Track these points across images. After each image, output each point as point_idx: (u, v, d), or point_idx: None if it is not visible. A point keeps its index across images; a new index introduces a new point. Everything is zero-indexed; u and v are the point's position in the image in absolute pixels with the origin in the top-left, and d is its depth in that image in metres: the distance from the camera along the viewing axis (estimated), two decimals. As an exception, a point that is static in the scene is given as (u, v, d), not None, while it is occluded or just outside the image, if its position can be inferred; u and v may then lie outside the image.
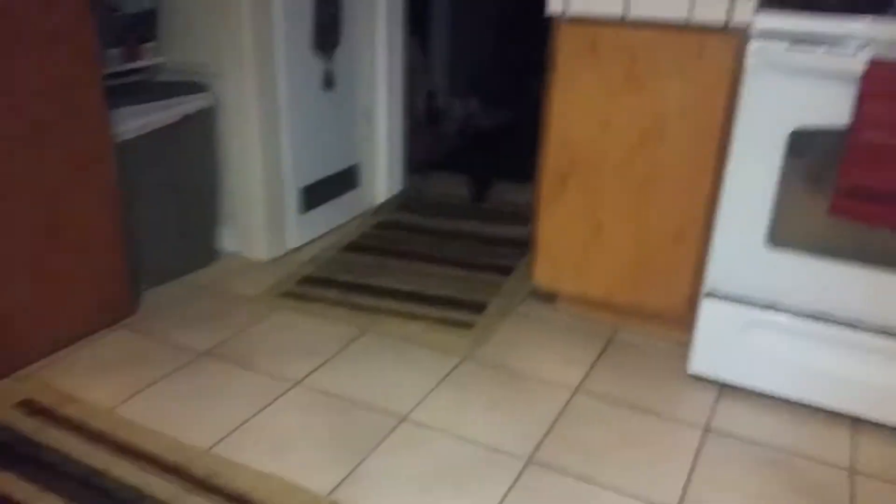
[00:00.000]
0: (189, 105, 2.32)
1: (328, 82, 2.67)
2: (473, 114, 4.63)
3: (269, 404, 1.77)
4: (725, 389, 1.84)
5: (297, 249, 2.64)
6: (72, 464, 1.56)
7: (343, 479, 1.53)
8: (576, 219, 2.03)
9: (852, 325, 1.65)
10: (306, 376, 1.88)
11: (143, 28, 2.39)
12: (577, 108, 1.93)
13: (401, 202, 3.10)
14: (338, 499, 1.48)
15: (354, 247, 2.67)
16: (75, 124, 1.91)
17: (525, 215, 2.97)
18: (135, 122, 2.17)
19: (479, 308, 2.23)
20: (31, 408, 1.74)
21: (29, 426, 1.67)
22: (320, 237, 2.76)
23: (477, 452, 1.61)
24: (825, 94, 1.53)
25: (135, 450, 1.61)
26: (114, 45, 2.28)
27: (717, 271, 1.77)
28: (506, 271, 2.48)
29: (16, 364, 1.89)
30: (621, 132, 1.89)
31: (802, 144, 1.59)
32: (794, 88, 1.56)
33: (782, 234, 1.66)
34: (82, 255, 2.00)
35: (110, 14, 2.26)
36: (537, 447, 1.63)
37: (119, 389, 1.81)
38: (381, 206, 3.05)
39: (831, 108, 1.53)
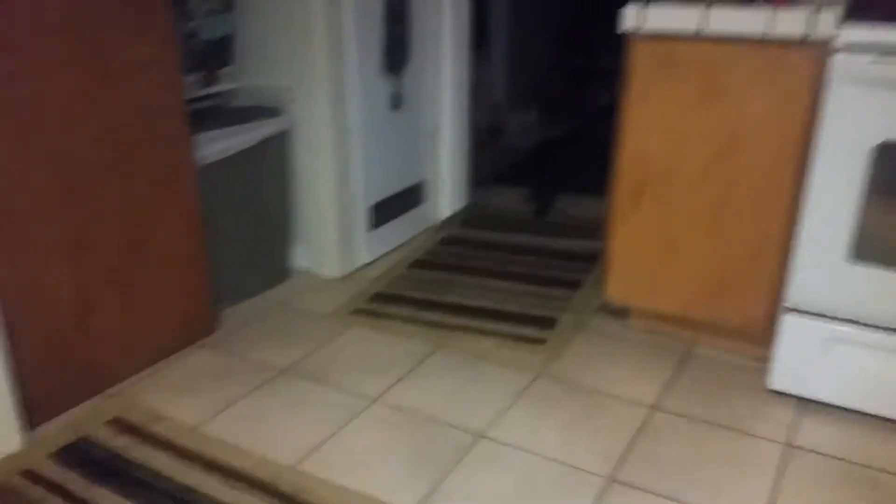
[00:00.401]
0: (267, 129, 2.39)
1: (396, 103, 2.72)
2: (533, 126, 4.63)
3: (350, 421, 1.81)
4: (806, 405, 1.80)
5: (367, 266, 2.69)
6: (163, 480, 1.62)
7: (425, 497, 1.55)
8: (650, 233, 2.01)
9: (944, 341, 1.60)
10: (384, 393, 1.92)
11: (219, 54, 2.48)
12: (651, 123, 1.92)
13: (465, 217, 3.13)
14: (421, 516, 1.50)
15: (422, 263, 2.70)
16: (161, 149, 1.99)
17: (589, 229, 2.96)
18: (216, 146, 2.25)
19: (549, 323, 2.23)
20: (121, 425, 1.81)
21: (120, 443, 1.75)
22: (388, 253, 2.80)
23: (557, 470, 1.62)
24: (913, 106, 1.49)
25: (223, 467, 1.66)
26: (192, 71, 2.37)
27: (799, 286, 1.73)
28: (574, 286, 2.48)
29: (105, 382, 1.97)
30: (697, 147, 1.87)
31: (887, 158, 1.55)
32: (880, 102, 1.53)
33: (865, 248, 1.62)
34: (167, 275, 2.08)
35: (189, 40, 2.35)
36: (618, 465, 1.63)
37: (205, 406, 1.88)
38: (446, 222, 3.08)
39: (919, 119, 1.49)
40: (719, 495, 1.53)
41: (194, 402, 1.90)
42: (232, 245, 2.38)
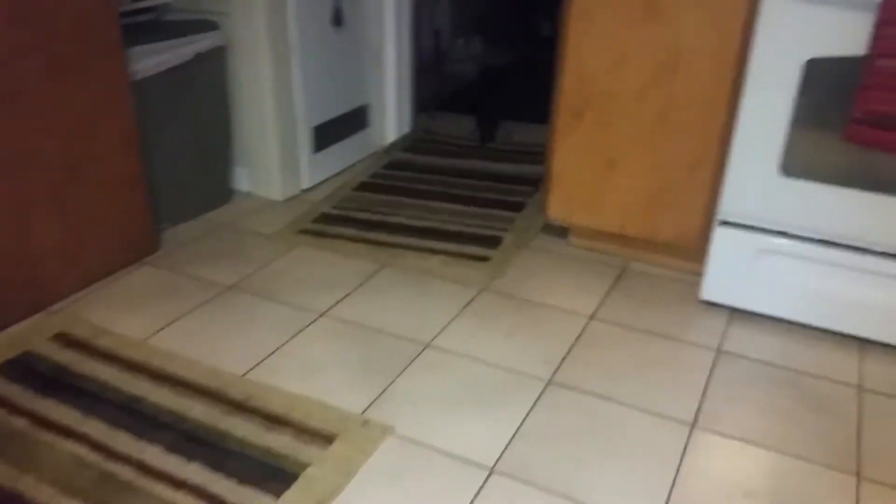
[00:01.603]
0: (202, 43, 2.32)
1: (337, 19, 2.66)
2: (476, 54, 4.61)
3: (298, 333, 1.83)
4: (737, 315, 1.92)
5: (311, 189, 2.68)
6: (111, 391, 1.63)
7: (374, 400, 1.60)
8: (590, 152, 2.06)
9: (861, 249, 1.71)
10: (331, 307, 1.95)
11: (150, -34, 2.37)
12: (592, 42, 1.95)
13: (410, 142, 3.13)
14: (370, 417, 1.55)
15: (367, 186, 2.71)
16: (94, 62, 1.92)
17: (532, 154, 3.00)
18: (149, 60, 2.17)
19: (493, 243, 2.29)
20: (65, 340, 1.79)
21: (65, 357, 1.73)
22: (332, 177, 2.79)
23: (499, 375, 1.69)
24: (841, 23, 1.55)
25: (171, 377, 1.67)
26: (123, -16, 2.27)
27: (731, 200, 1.82)
28: (517, 207, 2.53)
29: (47, 300, 1.94)
30: (637, 65, 1.91)
31: (817, 74, 1.62)
32: (811, 18, 1.58)
33: (796, 162, 1.71)
34: (104, 194, 2.03)
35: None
36: (557, 369, 1.71)
37: (150, 321, 1.87)
38: (391, 147, 3.07)
39: (847, 37, 1.56)
40: (653, 395, 1.63)
41: (139, 318, 1.89)
42: (171, 164, 2.33)
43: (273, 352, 1.76)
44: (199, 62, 2.31)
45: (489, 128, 3.22)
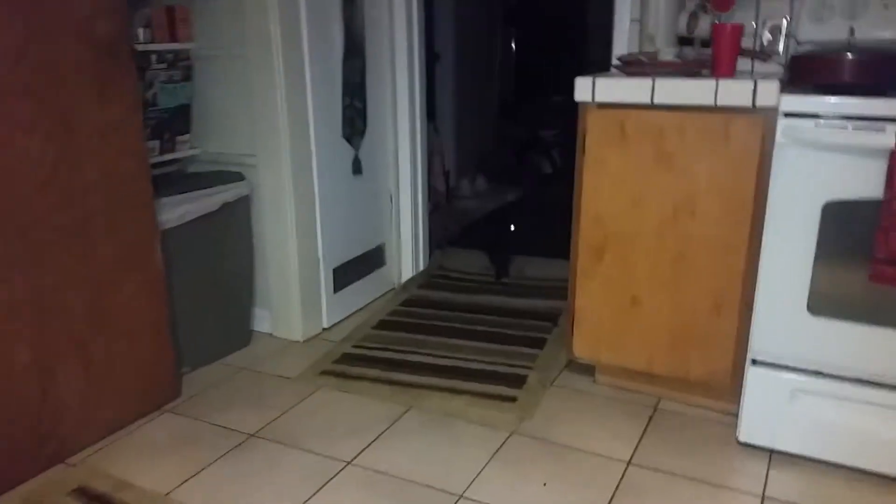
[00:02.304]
0: (228, 193, 2.40)
1: (357, 168, 2.77)
2: (482, 192, 4.76)
3: (325, 485, 1.77)
4: (777, 457, 1.86)
5: (331, 328, 2.68)
6: (133, 552, 1.55)
7: (410, 559, 1.53)
8: (612, 291, 2.08)
9: (899, 387, 1.70)
10: (357, 455, 1.89)
11: (177, 121, 2.49)
12: (608, 187, 2.01)
13: (425, 279, 3.16)
14: (407, 579, 1.47)
15: (386, 324, 2.71)
16: (124, 215, 1.97)
17: (545, 288, 3.03)
18: (176, 211, 2.23)
19: (518, 381, 2.26)
20: (86, 495, 1.73)
21: (85, 515, 1.67)
22: (350, 316, 2.80)
23: (539, 527, 1.62)
24: (856, 168, 1.62)
25: (196, 536, 1.60)
26: (150, 139, 2.38)
27: (761, 339, 1.82)
28: (539, 344, 2.52)
29: (67, 451, 1.89)
30: (653, 208, 1.97)
31: (837, 216, 1.67)
32: (825, 163, 1.65)
33: (823, 301, 1.72)
34: (130, 342, 2.03)
35: (148, 109, 2.36)
36: (599, 520, 1.64)
37: (172, 473, 1.81)
38: (407, 284, 3.10)
39: (863, 180, 1.62)
40: (699, 545, 1.56)
41: (161, 469, 1.83)
42: (194, 309, 2.34)
43: (301, 505, 1.70)
44: (224, 211, 2.38)
45: (503, 263, 3.27)
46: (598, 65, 2.51)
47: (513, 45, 5.62)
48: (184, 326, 2.29)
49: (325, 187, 2.59)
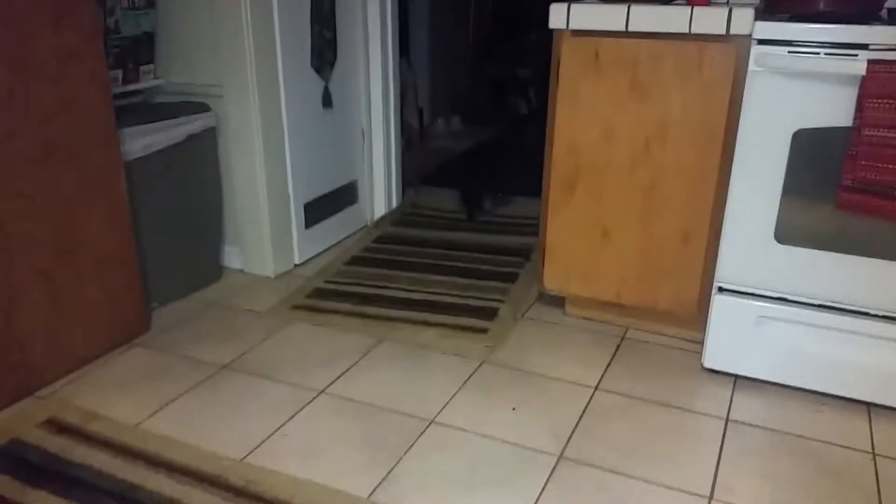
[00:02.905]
0: (194, 125, 2.34)
1: (327, 101, 2.71)
2: (457, 132, 4.70)
3: (297, 413, 1.78)
4: (741, 381, 1.91)
5: (302, 265, 2.67)
6: (106, 479, 1.56)
7: (381, 482, 1.55)
8: (584, 223, 2.09)
9: (861, 313, 1.73)
10: (330, 384, 1.90)
11: (141, 50, 2.41)
12: (581, 118, 2.00)
13: (398, 216, 3.14)
14: (378, 500, 1.50)
15: (358, 260, 2.70)
16: (87, 145, 1.92)
17: (519, 226, 3.03)
18: (141, 142, 2.18)
19: (490, 314, 2.27)
20: (56, 426, 1.72)
21: (56, 444, 1.66)
22: (323, 252, 2.78)
23: (508, 451, 1.65)
24: (827, 96, 1.62)
25: (168, 463, 1.61)
26: (112, 68, 2.30)
27: (728, 267, 1.84)
28: (510, 278, 2.53)
29: (35, 384, 1.87)
30: (627, 139, 1.96)
31: (806, 144, 1.67)
32: (797, 91, 1.64)
33: (789, 230, 1.74)
34: (96, 274, 2.00)
35: (110, 36, 2.27)
36: (567, 444, 1.67)
37: (143, 405, 1.81)
38: (380, 221, 3.09)
39: (833, 108, 1.62)
40: (666, 468, 1.60)
41: (132, 401, 1.83)
42: (162, 243, 2.31)
43: (272, 433, 1.71)
44: (190, 143, 2.33)
45: (475, 202, 3.25)
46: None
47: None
48: (152, 260, 2.26)
49: (295, 120, 2.54)
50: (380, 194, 3.11)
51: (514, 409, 1.80)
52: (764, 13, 1.83)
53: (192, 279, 2.45)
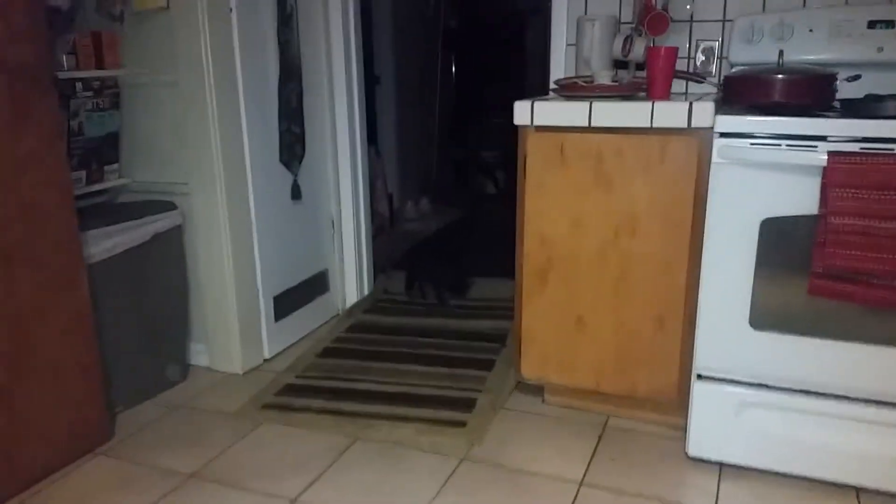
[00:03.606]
0: (159, 224, 2.31)
1: (296, 194, 2.71)
2: (426, 214, 4.74)
3: (270, 525, 1.70)
4: (727, 469, 1.87)
5: (272, 359, 2.60)
6: None
7: None
8: (558, 312, 2.08)
9: (842, 397, 1.72)
10: (301, 493, 1.82)
11: (105, 151, 2.39)
12: (549, 208, 2.01)
13: (370, 304, 3.11)
14: None
15: (331, 352, 2.64)
16: (47, 249, 1.87)
17: (493, 308, 3.01)
18: (105, 244, 2.14)
19: (467, 405, 2.22)
20: (9, 552, 1.62)
21: (9, 572, 1.55)
22: (294, 344, 2.73)
23: (493, 558, 1.58)
24: (792, 185, 1.65)
25: (131, 588, 1.51)
26: (77, 168, 2.28)
27: (705, 355, 1.83)
28: (487, 366, 2.50)
29: (-12, 504, 1.77)
30: (595, 229, 1.97)
31: (775, 232, 1.70)
32: (761, 181, 1.68)
33: (764, 315, 1.75)
34: (56, 383, 1.92)
35: (74, 138, 2.26)
36: (553, 547, 1.61)
37: (105, 523, 1.71)
38: (352, 309, 3.05)
39: (798, 197, 1.65)
40: (654, 567, 1.54)
41: (93, 519, 1.73)
42: (125, 345, 2.24)
43: (244, 549, 1.62)
44: (156, 242, 2.29)
45: (419, 290, 3.19)
46: (538, 87, 2.54)
47: (453, 68, 5.65)
48: (115, 363, 2.18)
49: (263, 214, 2.53)
50: (351, 282, 3.08)
51: (496, 511, 1.74)
52: (724, 104, 1.89)
53: (157, 380, 2.37)
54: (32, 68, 1.80)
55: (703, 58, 2.27)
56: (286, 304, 2.71)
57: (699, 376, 1.85)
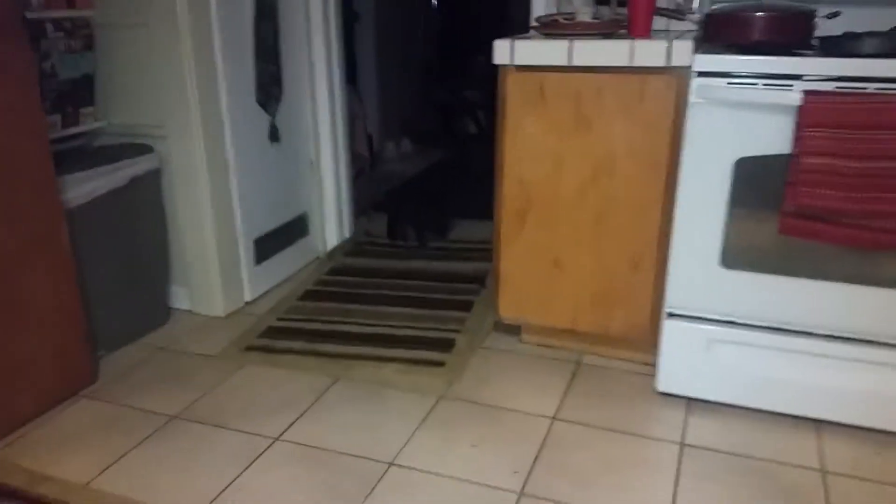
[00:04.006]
0: (137, 167, 2.29)
1: (273, 135, 2.68)
2: (407, 155, 4.71)
3: (252, 463, 1.74)
4: (695, 404, 1.94)
5: (254, 302, 2.62)
6: (53, 546, 1.50)
7: (341, 531, 1.52)
8: (536, 253, 2.10)
9: (807, 333, 1.77)
10: (285, 431, 1.87)
11: (80, 93, 2.35)
12: (528, 150, 2.01)
13: (351, 246, 3.12)
14: (339, 551, 1.47)
15: (312, 294, 2.67)
16: (25, 194, 1.86)
17: (473, 251, 3.04)
18: (82, 188, 2.12)
19: (446, 345, 2.27)
20: (0, 491, 1.66)
21: (-2, 511, 1.60)
22: (275, 287, 2.74)
23: (470, 491, 1.64)
24: (766, 125, 1.66)
25: (119, 524, 1.56)
26: (51, 112, 2.24)
27: (676, 293, 1.87)
28: (466, 307, 2.53)
29: (-26, 446, 1.80)
30: (573, 170, 1.98)
31: (748, 172, 1.71)
32: (737, 121, 1.69)
33: (735, 255, 1.78)
34: (40, 329, 1.93)
35: (47, 80, 2.21)
36: (527, 480, 1.67)
37: (92, 462, 1.75)
38: (332, 252, 3.06)
39: (773, 137, 1.66)
40: (626, 498, 1.61)
41: (81, 458, 1.76)
42: (107, 289, 2.24)
43: (228, 485, 1.67)
44: (134, 186, 2.27)
45: (400, 233, 3.20)
46: (520, 22, 2.49)
47: (434, 4, 5.52)
48: (97, 307, 2.19)
49: (241, 156, 2.51)
50: (331, 225, 3.09)
51: (473, 445, 1.79)
52: (703, 42, 1.88)
53: (139, 323, 2.39)
54: (1, 12, 1.75)
55: (684, -6, 2.23)
56: (267, 247, 2.71)
57: (670, 314, 1.89)
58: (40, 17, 2.16)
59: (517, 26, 2.36)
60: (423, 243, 3.15)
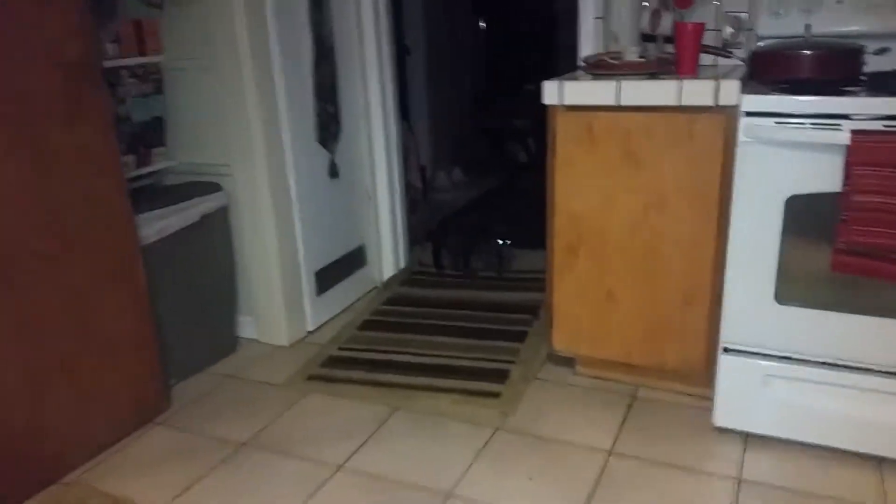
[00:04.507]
0: (207, 205, 2.42)
1: (333, 172, 2.80)
2: (459, 184, 4.80)
3: (317, 491, 1.82)
4: (752, 439, 1.94)
5: (315, 331, 2.72)
6: (133, 567, 1.59)
7: (403, 560, 1.58)
8: (588, 286, 2.14)
9: (864, 369, 1.77)
10: (347, 459, 1.94)
11: (151, 135, 2.50)
12: (579, 186, 2.06)
13: (406, 276, 3.21)
14: (401, 579, 1.53)
15: (370, 324, 2.75)
16: (104, 232, 1.99)
17: (526, 280, 3.09)
18: (157, 226, 2.25)
19: (501, 376, 2.32)
20: (83, 514, 1.77)
21: (83, 533, 1.70)
22: (335, 317, 2.84)
23: (526, 521, 1.68)
24: (816, 163, 1.68)
25: (194, 548, 1.65)
26: (126, 153, 2.39)
27: (732, 328, 1.89)
28: (520, 337, 2.58)
29: (59, 472, 1.92)
30: (624, 206, 2.02)
31: (800, 208, 1.73)
32: (787, 159, 1.71)
33: (789, 290, 1.79)
34: (117, 358, 2.05)
35: (122, 123, 2.37)
36: (583, 511, 1.71)
37: (167, 487, 1.85)
38: (389, 282, 3.15)
39: (823, 175, 1.68)
40: (679, 531, 1.63)
41: (156, 484, 1.87)
42: (179, 320, 2.37)
43: (295, 512, 1.75)
44: (204, 222, 2.40)
45: (438, 260, 3.27)
46: (567, 52, 2.54)
47: (483, 35, 5.64)
48: (169, 338, 2.31)
49: (303, 192, 2.62)
50: (388, 255, 3.18)
51: (530, 479, 1.83)
52: (750, 79, 1.91)
53: (209, 352, 2.51)
54: (84, 62, 1.90)
55: (732, 29, 2.27)
56: (327, 278, 2.82)
57: (725, 349, 1.91)
58: (116, 64, 2.33)
59: (564, 54, 2.41)
60: (469, 273, 3.21)
